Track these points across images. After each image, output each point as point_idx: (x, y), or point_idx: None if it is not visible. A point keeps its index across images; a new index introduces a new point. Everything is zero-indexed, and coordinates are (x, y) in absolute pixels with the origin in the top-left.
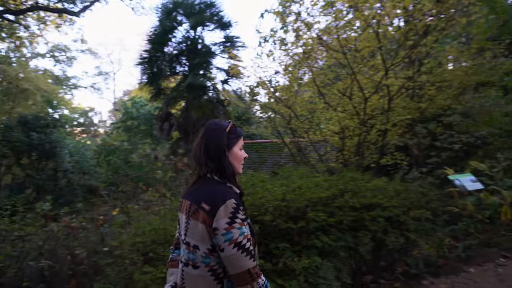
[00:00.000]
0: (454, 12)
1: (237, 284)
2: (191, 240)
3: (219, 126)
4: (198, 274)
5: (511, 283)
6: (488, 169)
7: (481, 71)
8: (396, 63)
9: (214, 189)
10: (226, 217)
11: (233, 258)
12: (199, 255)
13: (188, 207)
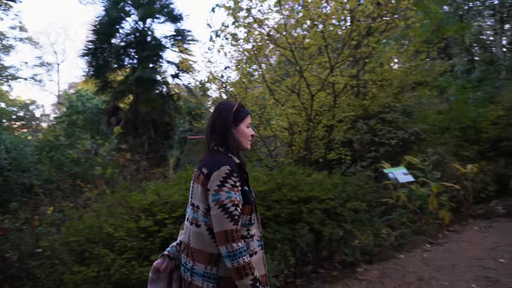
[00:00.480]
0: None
1: (218, 243)
2: (195, 201)
3: (228, 105)
4: (198, 231)
5: (434, 266)
6: (420, 163)
7: (418, 71)
8: (341, 62)
9: (215, 157)
10: (217, 180)
11: (216, 217)
12: (200, 214)
13: (194, 173)
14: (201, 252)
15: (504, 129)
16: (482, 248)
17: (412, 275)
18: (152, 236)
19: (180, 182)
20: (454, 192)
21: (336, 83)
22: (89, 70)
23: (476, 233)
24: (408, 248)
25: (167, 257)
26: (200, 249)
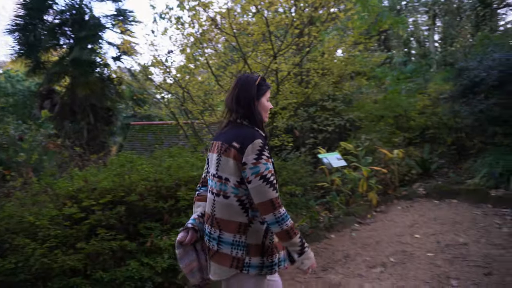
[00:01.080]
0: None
1: (262, 213)
2: (223, 174)
3: (250, 78)
4: (228, 202)
5: (361, 244)
6: (354, 148)
7: (356, 62)
8: (284, 49)
9: (244, 131)
10: (253, 153)
11: (259, 189)
12: (230, 186)
13: (220, 146)
14: (229, 222)
15: (429, 118)
16: (402, 226)
17: (340, 253)
18: (79, 224)
19: (112, 167)
20: (382, 175)
21: (280, 70)
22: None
23: (399, 213)
24: (339, 228)
25: (191, 230)
26: (228, 219)
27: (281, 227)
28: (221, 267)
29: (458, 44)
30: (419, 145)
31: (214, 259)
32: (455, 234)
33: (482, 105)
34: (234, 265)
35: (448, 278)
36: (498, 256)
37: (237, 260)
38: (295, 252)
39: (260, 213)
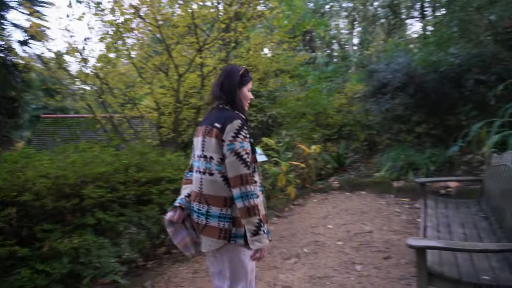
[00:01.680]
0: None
1: (232, 186)
2: (208, 153)
3: (235, 68)
4: (213, 179)
5: (278, 236)
6: (275, 144)
7: (281, 60)
8: (210, 43)
9: (225, 113)
10: (232, 132)
11: (232, 164)
12: (214, 163)
13: (203, 129)
14: (215, 197)
15: (346, 116)
16: (317, 218)
17: None
18: None
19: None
20: (300, 170)
21: (205, 65)
22: None
23: (315, 205)
24: None
25: (178, 208)
26: (215, 194)
27: (244, 203)
28: (210, 239)
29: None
30: (336, 141)
31: (204, 233)
32: (363, 223)
33: (388, 105)
34: (222, 236)
35: (354, 264)
36: (396, 241)
37: (224, 231)
38: (250, 231)
39: (231, 186)
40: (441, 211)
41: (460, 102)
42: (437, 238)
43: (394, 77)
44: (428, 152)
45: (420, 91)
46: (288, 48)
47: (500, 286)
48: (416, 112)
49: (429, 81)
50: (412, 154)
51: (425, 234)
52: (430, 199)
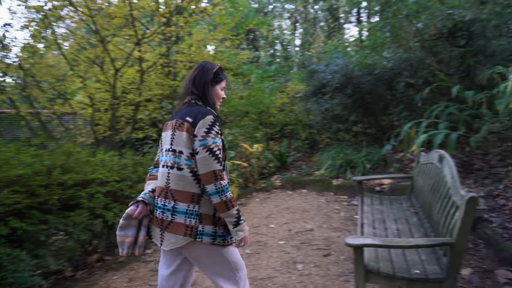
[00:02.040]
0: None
1: (204, 183)
2: (177, 147)
3: (210, 65)
4: (181, 174)
5: None
6: None
7: (224, 57)
8: (149, 37)
9: (197, 108)
10: (204, 127)
11: (204, 160)
12: (183, 158)
13: (173, 123)
14: (183, 192)
15: (288, 115)
16: (259, 217)
17: None
18: None
19: None
20: (243, 169)
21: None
22: None
23: (257, 204)
24: None
25: (141, 203)
26: (182, 190)
27: (221, 198)
28: (175, 235)
29: (314, 50)
30: (279, 140)
31: (168, 230)
32: (304, 222)
33: (328, 104)
34: (188, 233)
35: (295, 263)
36: (335, 238)
37: (190, 228)
38: (231, 223)
39: (203, 183)
40: (377, 208)
41: (392, 103)
42: (373, 235)
43: (333, 78)
44: (364, 150)
45: (357, 92)
46: (231, 45)
47: (429, 279)
48: (354, 112)
49: (365, 82)
50: (349, 153)
51: (362, 231)
52: (366, 197)
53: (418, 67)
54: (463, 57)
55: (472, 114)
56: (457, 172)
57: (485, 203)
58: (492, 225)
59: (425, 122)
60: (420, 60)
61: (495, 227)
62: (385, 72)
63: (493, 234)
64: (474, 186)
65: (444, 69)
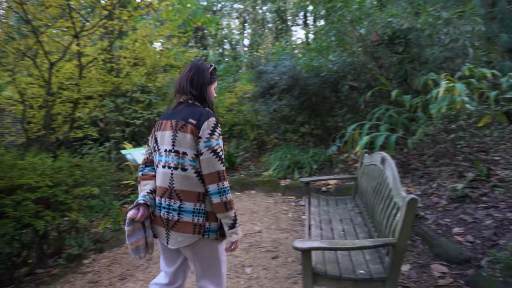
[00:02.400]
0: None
1: (207, 183)
2: (180, 149)
3: (205, 65)
4: (186, 175)
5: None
6: None
7: (170, 55)
8: (89, 30)
9: (199, 109)
10: (208, 129)
11: (209, 161)
12: (187, 159)
13: (175, 124)
14: (189, 192)
15: (236, 115)
16: None
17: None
18: None
19: None
20: None
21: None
22: None
23: None
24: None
25: (142, 206)
26: (188, 189)
27: (221, 198)
28: (183, 234)
29: (262, 50)
30: (228, 140)
31: (174, 229)
32: (252, 223)
33: (276, 105)
34: (197, 231)
35: (243, 266)
36: (284, 239)
37: (199, 226)
38: (227, 225)
39: (206, 183)
40: (323, 209)
41: (337, 105)
42: (320, 236)
43: (280, 79)
44: (311, 151)
45: (304, 93)
46: (178, 43)
47: (373, 278)
48: (301, 113)
49: (312, 84)
50: (297, 154)
51: (310, 233)
52: (313, 198)
53: (361, 71)
54: (401, 63)
55: (409, 117)
56: (398, 174)
57: (421, 201)
58: (428, 222)
59: (368, 124)
60: (363, 65)
61: (430, 224)
62: (330, 75)
63: (428, 230)
64: (412, 185)
65: (384, 73)
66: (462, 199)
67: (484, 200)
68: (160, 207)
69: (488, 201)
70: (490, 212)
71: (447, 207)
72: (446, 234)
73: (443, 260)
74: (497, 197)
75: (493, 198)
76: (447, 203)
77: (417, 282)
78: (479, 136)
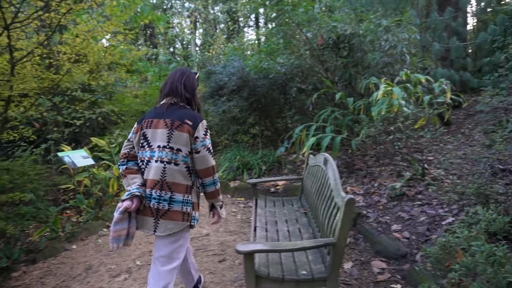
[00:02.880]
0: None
1: (203, 176)
2: (175, 145)
3: (191, 73)
4: (178, 169)
5: (106, 251)
6: (107, 145)
7: (116, 52)
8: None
9: (192, 112)
10: (202, 130)
11: (205, 157)
12: (181, 155)
13: (170, 123)
14: (179, 185)
15: None
16: None
17: (81, 266)
18: None
19: None
20: None
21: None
22: None
23: None
24: (83, 236)
25: (136, 198)
26: (179, 182)
27: (215, 187)
28: (173, 222)
29: (214, 51)
30: None
31: (164, 217)
32: (200, 227)
33: (225, 106)
34: (185, 218)
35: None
36: (231, 242)
37: (187, 215)
38: (219, 206)
39: (202, 177)
40: (270, 210)
41: (286, 107)
42: (265, 238)
43: (230, 80)
44: (260, 152)
45: (253, 94)
46: (123, 40)
47: (315, 279)
48: (251, 114)
49: (261, 86)
50: (246, 155)
51: (255, 235)
52: (260, 199)
53: (308, 74)
54: (346, 67)
55: (353, 119)
56: (339, 175)
57: (364, 200)
58: (369, 220)
59: (314, 125)
60: (310, 67)
61: (371, 222)
62: (279, 77)
63: (370, 228)
64: (356, 185)
65: (330, 77)
66: (400, 197)
67: (419, 197)
68: (150, 198)
69: (423, 198)
70: (424, 209)
71: (387, 205)
72: (386, 231)
73: (383, 256)
74: (431, 195)
75: (427, 196)
76: (387, 201)
77: (358, 279)
78: (414, 137)
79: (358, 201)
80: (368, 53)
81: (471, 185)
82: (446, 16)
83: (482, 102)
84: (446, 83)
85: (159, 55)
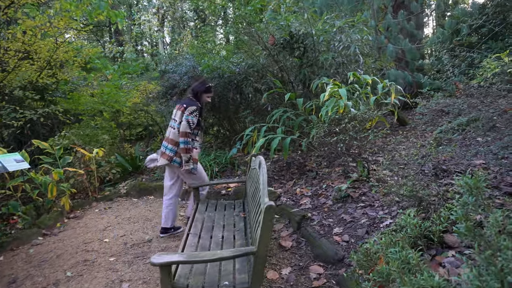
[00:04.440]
0: None
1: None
2: (178, 119)
3: (205, 81)
4: (174, 131)
5: (37, 261)
6: (50, 147)
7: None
8: None
9: (191, 101)
10: (189, 111)
11: (184, 125)
12: (176, 124)
13: (178, 106)
14: (173, 140)
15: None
16: (94, 231)
17: (5, 279)
18: None
19: None
20: (79, 177)
21: None
22: None
23: (95, 216)
24: (14, 246)
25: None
26: (173, 138)
27: (184, 146)
28: (163, 159)
29: (180, 49)
30: (135, 143)
31: (162, 156)
32: (143, 232)
33: None
34: (169, 159)
35: (122, 281)
36: (174, 248)
37: (170, 157)
38: (184, 161)
39: (180, 136)
40: (209, 214)
41: (241, 107)
42: (195, 246)
43: (181, 79)
44: (213, 154)
45: None
46: (75, 36)
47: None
48: (208, 115)
49: (215, 86)
50: (199, 157)
51: (185, 243)
52: (201, 203)
53: (263, 74)
54: (300, 67)
55: (305, 119)
56: (267, 179)
57: (311, 202)
58: (313, 223)
59: (265, 126)
60: (263, 67)
61: (315, 224)
62: (234, 76)
63: (312, 232)
64: (305, 186)
65: (285, 76)
66: (345, 199)
67: (363, 199)
68: (163, 146)
69: (366, 200)
70: (366, 211)
71: (332, 207)
72: (327, 235)
73: (322, 261)
74: (374, 196)
75: (370, 197)
76: (332, 203)
77: (294, 286)
78: (357, 138)
79: (305, 203)
80: (322, 53)
81: (405, 187)
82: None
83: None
84: (390, 84)
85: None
